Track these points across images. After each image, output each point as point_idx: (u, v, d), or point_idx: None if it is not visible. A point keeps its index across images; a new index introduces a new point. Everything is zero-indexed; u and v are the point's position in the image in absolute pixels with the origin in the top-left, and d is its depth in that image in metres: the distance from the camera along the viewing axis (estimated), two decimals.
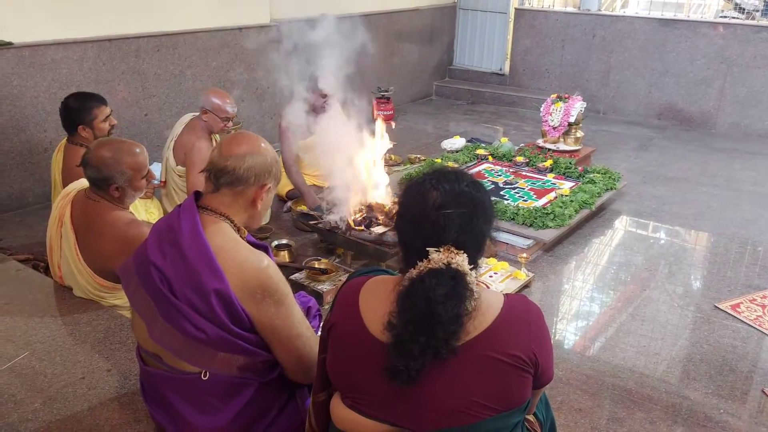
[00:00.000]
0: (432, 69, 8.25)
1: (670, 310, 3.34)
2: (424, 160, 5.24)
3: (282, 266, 3.37)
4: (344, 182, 3.49)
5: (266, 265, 1.60)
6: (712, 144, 6.37)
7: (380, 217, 3.45)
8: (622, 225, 4.44)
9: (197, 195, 1.70)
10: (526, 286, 3.45)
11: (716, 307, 3.33)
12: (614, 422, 2.48)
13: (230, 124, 3.87)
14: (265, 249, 1.74)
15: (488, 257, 3.66)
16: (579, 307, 3.37)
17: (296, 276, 3.32)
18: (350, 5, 6.69)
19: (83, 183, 2.58)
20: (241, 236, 1.69)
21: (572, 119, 5.13)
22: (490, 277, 3.43)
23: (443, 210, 1.33)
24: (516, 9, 7.85)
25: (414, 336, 1.25)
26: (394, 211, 3.39)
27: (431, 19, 7.96)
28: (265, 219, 4.12)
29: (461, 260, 1.30)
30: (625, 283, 3.63)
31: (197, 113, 3.85)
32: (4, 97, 4.05)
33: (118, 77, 4.62)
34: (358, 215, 3.47)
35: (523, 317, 1.36)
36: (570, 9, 7.79)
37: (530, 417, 1.59)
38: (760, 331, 3.11)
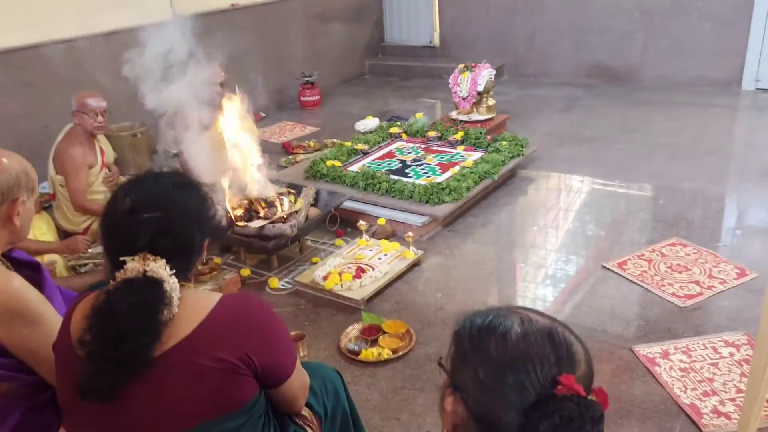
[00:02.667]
0: (362, 48, 8.13)
1: (557, 275, 3.32)
2: (340, 144, 5.16)
3: None
4: (222, 178, 3.44)
5: (15, 286, 1.54)
6: (638, 98, 6.33)
7: (261, 211, 3.40)
8: (527, 191, 4.40)
9: None
10: (415, 264, 3.42)
11: (603, 266, 3.32)
12: None
13: (100, 118, 3.76)
14: (35, 266, 1.68)
15: (381, 239, 3.63)
16: (464, 282, 3.28)
17: None
18: None
19: None
20: None
21: (480, 88, 5.08)
22: (379, 259, 3.39)
23: (135, 215, 1.29)
24: None
25: (103, 352, 1.21)
26: None
27: None
28: None
29: (157, 267, 1.26)
30: (517, 250, 3.61)
31: None
32: None
33: (3, 91, 4.51)
34: (238, 210, 3.42)
35: (236, 318, 1.32)
36: None
37: (305, 412, 1.57)
38: (641, 286, 3.11)
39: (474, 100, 5.15)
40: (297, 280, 3.26)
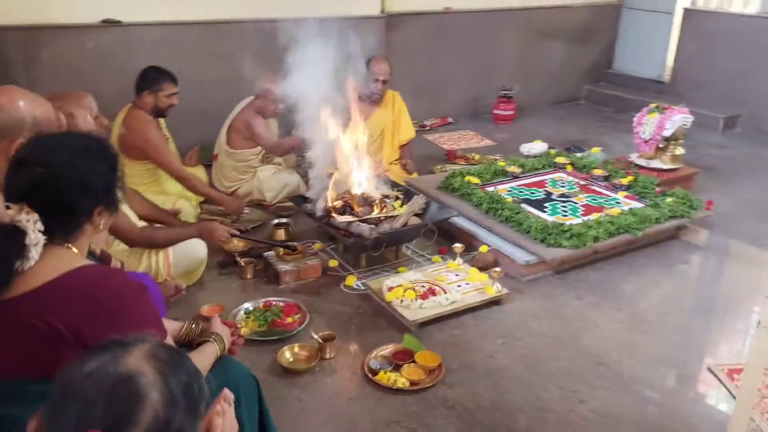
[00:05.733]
0: (583, 71, 7.64)
1: (644, 363, 2.79)
2: (491, 162, 4.93)
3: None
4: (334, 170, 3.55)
5: None
6: None
7: (355, 208, 3.41)
8: (678, 260, 3.76)
9: None
10: (495, 302, 3.16)
11: (709, 368, 2.73)
12: None
13: (281, 106, 4.11)
14: None
15: (477, 267, 3.41)
16: (536, 338, 2.92)
17: (268, 253, 3.45)
18: (479, 1, 6.52)
19: None
20: None
21: (667, 133, 4.48)
22: (458, 286, 3.20)
23: (20, 166, 1.38)
24: (685, 9, 6.93)
25: None
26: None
27: (587, 17, 7.35)
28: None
29: (26, 219, 1.32)
30: (621, 320, 3.11)
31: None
32: (113, 68, 4.73)
33: (215, 56, 5.08)
34: (337, 203, 3.48)
35: (82, 287, 1.34)
36: (750, 11, 6.62)
37: None
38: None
39: (658, 145, 4.55)
40: (368, 284, 3.23)
